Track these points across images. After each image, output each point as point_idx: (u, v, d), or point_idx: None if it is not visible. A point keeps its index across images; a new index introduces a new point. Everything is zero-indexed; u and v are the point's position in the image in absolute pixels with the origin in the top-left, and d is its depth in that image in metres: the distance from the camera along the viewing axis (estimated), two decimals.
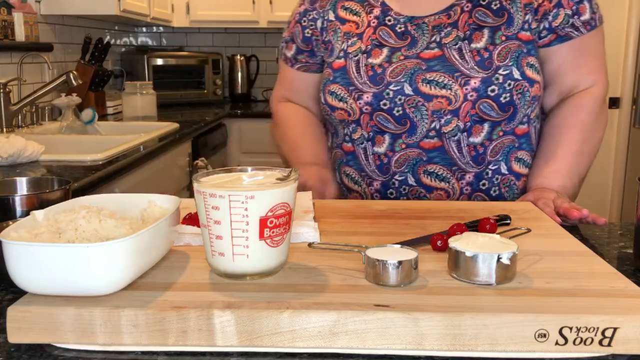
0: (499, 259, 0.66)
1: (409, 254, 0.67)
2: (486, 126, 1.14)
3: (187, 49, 4.18)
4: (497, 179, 1.18)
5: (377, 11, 1.20)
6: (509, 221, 0.92)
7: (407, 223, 0.92)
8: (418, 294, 0.64)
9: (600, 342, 0.58)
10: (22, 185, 0.92)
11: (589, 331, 0.58)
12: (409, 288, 0.65)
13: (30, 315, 0.59)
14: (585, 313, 0.59)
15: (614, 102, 4.12)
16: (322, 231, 0.87)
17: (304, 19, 1.27)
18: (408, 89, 1.14)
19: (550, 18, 1.15)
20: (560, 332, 0.58)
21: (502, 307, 0.60)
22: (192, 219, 0.84)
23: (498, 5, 1.16)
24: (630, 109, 4.07)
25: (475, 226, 0.87)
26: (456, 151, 1.15)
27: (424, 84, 1.13)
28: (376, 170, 1.19)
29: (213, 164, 3.02)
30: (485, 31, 1.14)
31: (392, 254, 0.67)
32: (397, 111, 1.14)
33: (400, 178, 1.17)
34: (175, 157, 2.56)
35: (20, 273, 0.60)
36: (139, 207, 0.78)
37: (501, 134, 1.16)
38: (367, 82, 1.16)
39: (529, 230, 0.82)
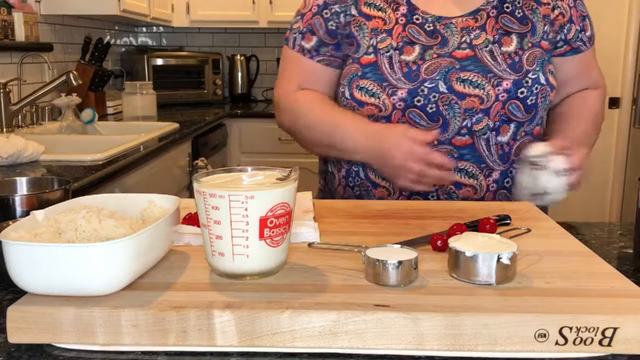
0: (499, 259, 0.66)
1: (409, 254, 0.67)
2: (512, 126, 1.18)
3: (187, 49, 4.17)
4: None
5: (403, 9, 1.21)
6: (509, 221, 0.92)
7: (407, 223, 0.92)
8: (418, 294, 0.64)
9: (600, 342, 0.58)
10: (22, 185, 0.92)
11: (589, 331, 0.58)
12: (409, 288, 0.65)
13: (30, 315, 0.59)
14: (585, 313, 0.59)
15: (614, 102, 4.11)
16: (322, 231, 0.87)
17: (326, 11, 1.25)
18: (442, 87, 1.15)
19: (565, 31, 1.25)
20: (560, 332, 0.58)
21: (502, 307, 0.60)
22: (192, 219, 0.84)
23: (521, 14, 1.21)
24: (630, 109, 4.07)
25: (475, 226, 0.87)
26: (485, 149, 1.18)
27: (458, 83, 1.15)
28: None
29: (213, 164, 3.02)
30: (514, 37, 1.19)
31: (392, 254, 0.67)
32: (431, 108, 1.16)
33: None
34: (175, 157, 2.56)
35: (20, 273, 0.60)
36: (139, 207, 0.78)
37: (523, 134, 1.20)
38: (402, 78, 1.16)
39: (529, 230, 0.82)
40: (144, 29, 4.22)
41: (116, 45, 3.77)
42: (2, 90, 2.25)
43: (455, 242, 0.69)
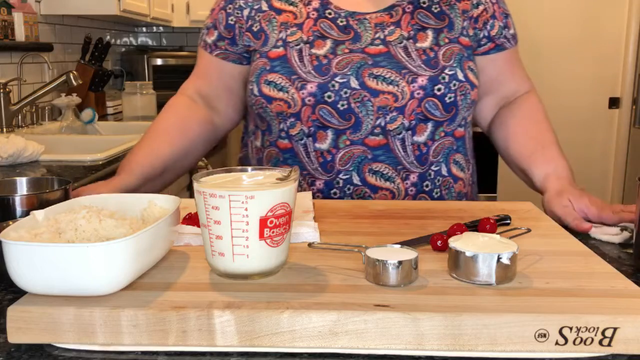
0: (499, 259, 0.66)
1: (409, 254, 0.67)
2: (429, 125, 1.14)
3: (187, 49, 4.17)
4: (438, 180, 1.17)
5: (315, 3, 1.18)
6: (509, 221, 0.92)
7: (407, 223, 0.92)
8: (418, 294, 0.64)
9: (600, 342, 0.58)
10: (22, 185, 0.92)
11: (589, 331, 0.58)
12: (409, 288, 0.65)
13: (30, 315, 0.59)
14: (585, 313, 0.59)
15: (614, 102, 4.12)
16: (322, 231, 0.87)
17: (230, 6, 1.22)
18: (354, 83, 1.11)
19: (488, 27, 1.21)
20: (560, 332, 0.58)
21: (502, 307, 0.60)
22: (192, 219, 0.84)
23: (438, 9, 1.18)
24: (630, 109, 4.07)
25: (475, 226, 0.87)
26: (401, 150, 1.13)
27: (371, 79, 1.11)
28: (319, 169, 1.15)
29: (213, 164, 3.02)
30: (429, 32, 1.15)
31: (392, 254, 0.67)
32: (342, 105, 1.11)
33: (344, 177, 1.14)
34: None
35: (20, 273, 0.60)
36: (139, 207, 0.78)
37: (442, 134, 1.16)
38: (312, 71, 1.12)
39: (529, 230, 0.82)
40: (144, 29, 4.22)
41: (116, 45, 3.77)
42: (2, 90, 2.26)
43: (455, 242, 0.69)
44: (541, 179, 1.14)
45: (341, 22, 1.16)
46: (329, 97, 1.11)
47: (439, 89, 1.12)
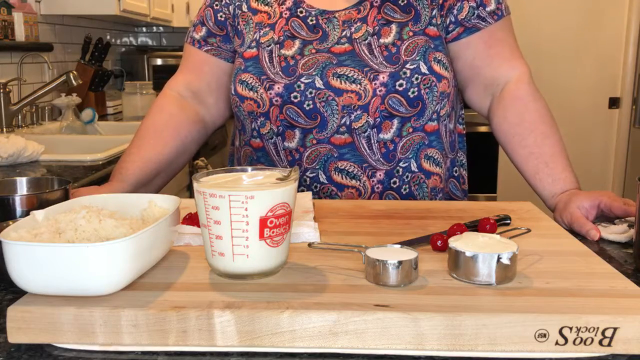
0: (499, 259, 0.66)
1: (409, 254, 0.67)
2: (395, 122, 1.14)
3: None
4: (407, 176, 1.17)
5: (289, 2, 1.19)
6: (509, 221, 0.92)
7: (407, 223, 0.92)
8: (418, 294, 0.64)
9: (600, 342, 0.58)
10: (22, 185, 0.92)
11: (589, 331, 0.58)
12: (409, 288, 0.65)
13: (30, 315, 0.59)
14: (585, 313, 0.59)
15: (614, 102, 4.12)
16: (322, 231, 0.87)
17: (217, 3, 1.24)
18: (319, 83, 1.13)
19: (455, 12, 1.16)
20: (560, 332, 0.58)
21: (502, 307, 0.60)
22: (192, 219, 0.84)
23: (405, 2, 1.16)
24: (630, 109, 4.07)
25: (475, 226, 0.87)
26: (366, 148, 1.14)
27: (335, 78, 1.12)
28: (288, 167, 1.16)
29: (213, 164, 3.02)
30: (393, 27, 1.15)
31: (392, 254, 0.67)
32: (308, 105, 1.13)
33: (311, 175, 1.16)
34: None
35: (20, 273, 0.60)
36: (139, 207, 0.78)
37: (410, 130, 1.15)
38: (280, 72, 1.14)
39: (529, 230, 0.82)
40: (144, 29, 4.22)
41: (116, 45, 3.77)
42: (2, 90, 2.26)
43: (455, 242, 0.69)
44: (549, 201, 1.11)
45: (311, 21, 1.17)
46: (295, 97, 1.13)
47: (400, 85, 1.11)
